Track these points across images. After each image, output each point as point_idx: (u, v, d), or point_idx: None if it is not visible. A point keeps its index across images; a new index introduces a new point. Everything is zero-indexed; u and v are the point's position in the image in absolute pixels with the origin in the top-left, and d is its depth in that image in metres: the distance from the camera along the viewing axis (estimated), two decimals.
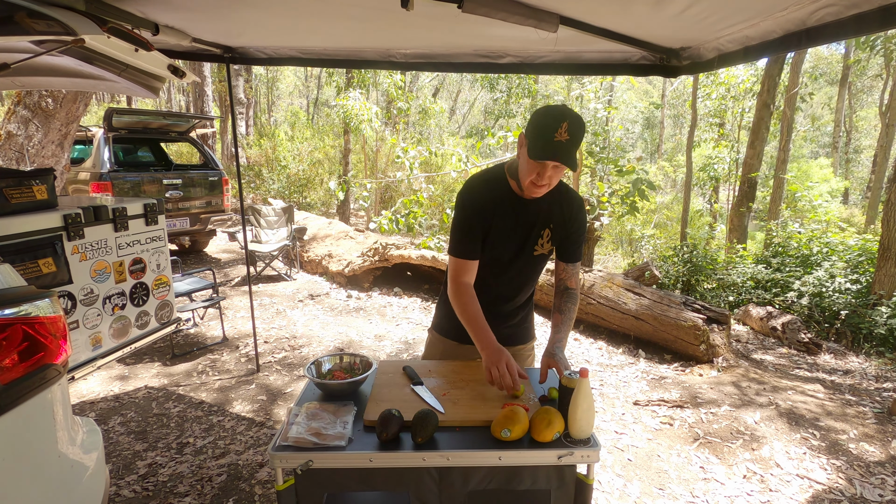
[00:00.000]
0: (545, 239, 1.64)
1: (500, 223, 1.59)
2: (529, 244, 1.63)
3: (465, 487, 1.25)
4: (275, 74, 25.32)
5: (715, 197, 14.07)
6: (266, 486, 2.39)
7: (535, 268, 1.71)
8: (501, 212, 1.59)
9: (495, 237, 1.61)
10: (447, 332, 1.79)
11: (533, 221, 1.61)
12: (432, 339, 1.86)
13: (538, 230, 1.62)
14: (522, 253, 1.64)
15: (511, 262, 1.66)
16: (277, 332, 4.54)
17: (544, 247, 1.65)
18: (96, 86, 2.90)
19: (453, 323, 1.70)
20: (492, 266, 1.65)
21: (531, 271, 1.71)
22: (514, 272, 1.68)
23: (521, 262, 1.66)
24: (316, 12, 2.01)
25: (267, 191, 12.73)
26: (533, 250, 1.64)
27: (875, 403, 3.36)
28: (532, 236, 1.63)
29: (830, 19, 1.41)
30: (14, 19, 1.43)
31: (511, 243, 1.62)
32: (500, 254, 1.64)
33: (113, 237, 2.47)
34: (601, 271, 5.20)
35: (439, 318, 1.83)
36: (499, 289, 1.70)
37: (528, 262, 1.67)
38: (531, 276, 1.73)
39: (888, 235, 5.01)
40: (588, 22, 1.84)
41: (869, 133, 24.97)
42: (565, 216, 1.63)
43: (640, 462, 2.68)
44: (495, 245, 1.62)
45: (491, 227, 1.60)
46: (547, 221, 1.62)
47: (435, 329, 1.85)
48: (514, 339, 1.78)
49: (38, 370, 1.23)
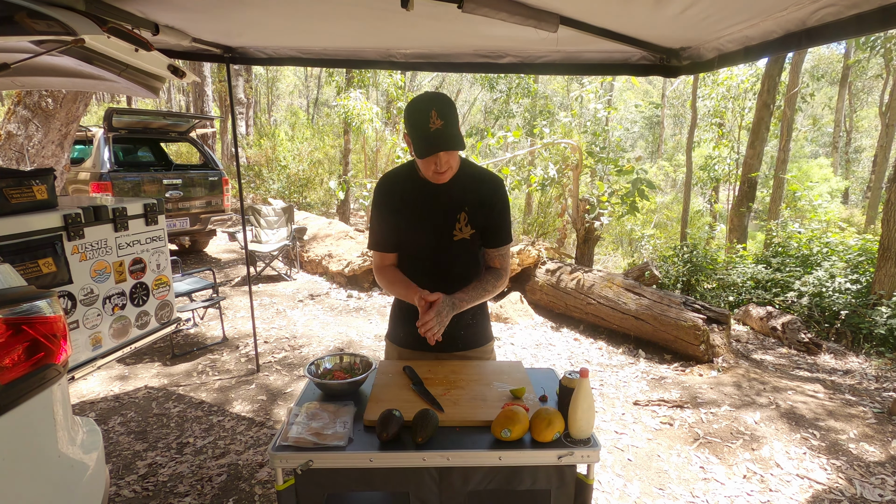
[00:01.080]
0: (462, 223, 1.62)
1: (412, 211, 1.62)
2: (447, 229, 1.63)
3: (465, 487, 1.25)
4: (275, 74, 25.31)
5: (715, 197, 14.07)
6: (266, 486, 2.39)
7: (462, 255, 1.67)
8: (412, 200, 1.61)
9: (409, 225, 1.63)
10: (400, 340, 1.79)
11: (445, 206, 1.61)
12: (388, 347, 1.86)
13: (453, 214, 1.62)
14: (442, 238, 1.63)
15: (434, 249, 1.65)
16: (277, 332, 4.54)
17: (463, 230, 1.63)
18: (96, 86, 2.90)
19: (407, 329, 1.73)
20: (418, 256, 1.68)
21: (461, 259, 1.68)
22: (443, 260, 1.66)
23: (445, 249, 1.65)
24: (316, 12, 2.01)
25: (267, 191, 12.73)
26: (452, 235, 1.63)
27: (875, 403, 3.36)
28: (448, 221, 1.62)
29: (830, 19, 1.41)
30: (14, 19, 1.43)
31: (426, 230, 1.63)
32: (420, 240, 1.65)
33: (113, 237, 2.47)
34: (601, 271, 5.20)
35: (391, 326, 1.85)
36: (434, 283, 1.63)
37: (451, 248, 1.64)
38: (465, 266, 1.69)
39: (888, 235, 5.01)
40: (588, 22, 1.84)
41: (869, 133, 24.98)
42: (481, 198, 1.62)
43: (640, 462, 2.68)
44: (412, 232, 1.64)
45: (403, 217, 1.62)
46: (461, 205, 1.61)
47: (389, 338, 1.85)
48: (469, 341, 1.75)
49: (38, 370, 1.23)
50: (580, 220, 6.24)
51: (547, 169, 6.40)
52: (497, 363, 1.71)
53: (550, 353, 4.26)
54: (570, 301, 4.99)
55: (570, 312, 5.06)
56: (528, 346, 4.39)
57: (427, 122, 1.39)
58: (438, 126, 1.39)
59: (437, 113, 1.39)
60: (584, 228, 6.27)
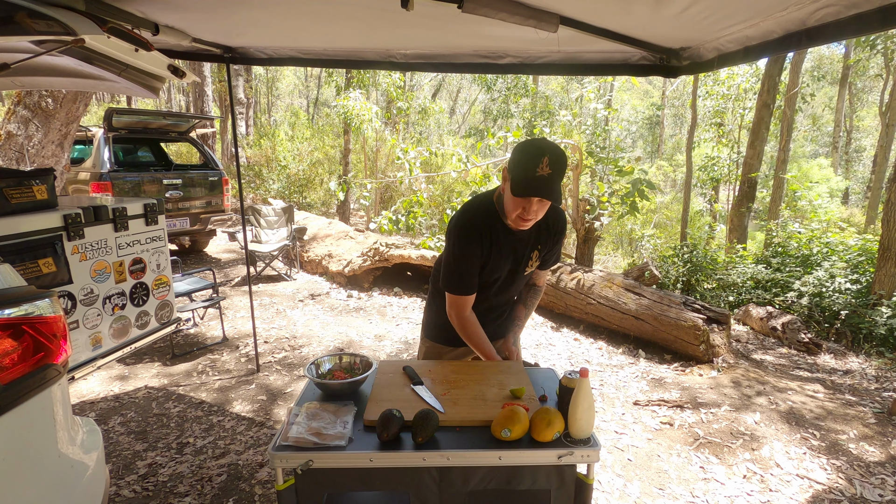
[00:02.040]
0: (534, 260, 1.72)
1: (493, 255, 1.64)
2: (521, 267, 1.71)
3: (465, 487, 1.25)
4: (275, 74, 25.32)
5: (715, 197, 14.07)
6: (266, 486, 2.39)
7: (523, 281, 1.81)
8: (495, 244, 1.62)
9: (490, 267, 1.67)
10: (437, 337, 1.87)
11: (524, 248, 1.67)
12: (426, 345, 1.93)
13: (528, 253, 1.69)
14: (514, 274, 1.72)
15: (504, 283, 1.74)
16: (277, 332, 4.54)
17: (532, 265, 1.73)
18: (96, 86, 2.90)
19: (442, 326, 1.79)
20: (486, 287, 1.73)
21: (520, 285, 1.83)
22: (506, 289, 1.77)
23: (512, 281, 1.75)
24: (316, 12, 2.01)
25: (267, 191, 12.73)
26: (524, 270, 1.73)
27: (875, 403, 3.36)
28: (523, 260, 1.69)
29: (830, 19, 1.41)
30: (14, 19, 1.43)
31: (503, 269, 1.69)
32: (495, 278, 1.71)
33: (113, 237, 2.47)
34: (601, 271, 5.20)
35: (429, 324, 1.91)
36: (492, 301, 1.79)
37: (518, 279, 1.76)
38: (519, 288, 1.85)
39: (888, 235, 5.01)
40: (588, 22, 1.84)
41: (870, 133, 24.97)
42: (551, 233, 1.71)
43: (640, 462, 2.68)
44: (490, 273, 1.68)
45: (488, 260, 1.65)
46: (536, 244, 1.69)
47: (427, 336, 1.92)
48: (498, 333, 1.88)
49: (38, 370, 1.23)
50: (580, 220, 6.24)
51: None
52: (497, 363, 1.71)
53: (550, 353, 4.26)
54: (570, 301, 4.99)
55: (570, 312, 5.06)
56: (529, 346, 4.39)
57: (536, 166, 1.38)
58: (546, 173, 1.39)
59: (549, 160, 1.38)
60: (584, 228, 6.27)
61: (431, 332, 1.90)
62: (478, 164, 6.57)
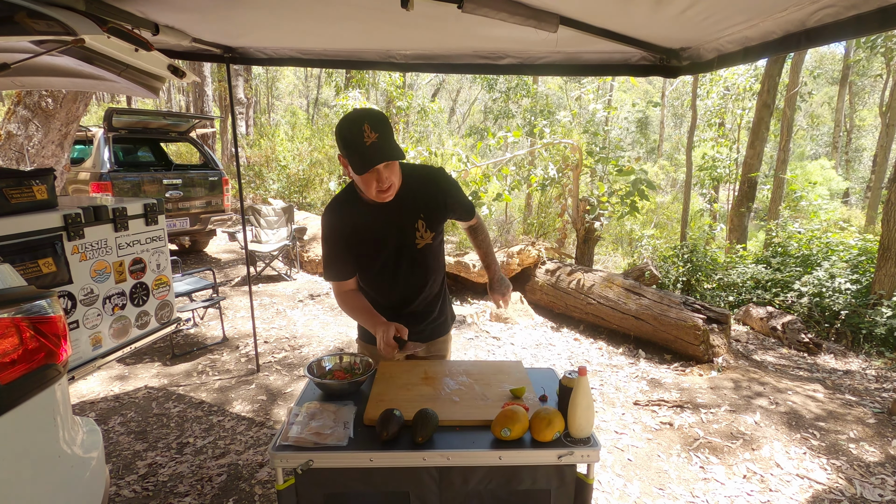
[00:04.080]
0: (422, 230, 1.61)
1: (366, 234, 1.57)
2: (408, 241, 1.61)
3: (465, 487, 1.26)
4: (275, 74, 25.31)
5: (715, 197, 14.07)
6: (266, 485, 2.39)
7: (427, 260, 1.67)
8: (363, 224, 1.57)
9: (368, 248, 1.59)
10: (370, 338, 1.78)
11: (400, 219, 1.58)
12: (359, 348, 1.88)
13: (410, 224, 1.59)
14: (404, 251, 1.62)
15: (397, 263, 1.63)
16: (277, 332, 4.54)
17: (425, 236, 1.61)
18: (96, 86, 2.90)
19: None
20: (382, 273, 1.65)
21: (425, 264, 1.67)
22: (407, 271, 1.65)
23: (408, 260, 1.63)
24: (316, 13, 2.01)
25: (267, 191, 12.73)
26: (415, 245, 1.62)
27: (875, 404, 3.37)
28: (407, 233, 1.60)
29: (830, 20, 1.41)
30: (14, 19, 1.43)
31: (387, 248, 1.60)
32: (383, 260, 1.62)
33: (113, 237, 2.47)
34: (601, 271, 5.20)
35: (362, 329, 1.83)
36: (399, 291, 1.68)
37: (414, 256, 1.63)
38: (428, 268, 1.69)
39: (888, 235, 5.01)
40: (588, 22, 1.84)
41: (870, 133, 24.97)
42: (431, 198, 1.61)
43: (640, 462, 2.68)
44: (372, 252, 1.60)
45: (358, 242, 1.58)
46: (415, 212, 1.59)
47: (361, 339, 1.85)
48: (434, 333, 1.83)
49: (38, 370, 1.23)
50: (580, 220, 6.24)
51: (547, 169, 6.40)
52: (497, 363, 1.71)
53: (550, 353, 4.26)
54: (570, 301, 4.99)
55: (570, 312, 5.06)
56: (528, 346, 4.39)
57: (361, 137, 1.35)
58: (374, 139, 1.35)
59: (370, 126, 1.35)
60: (584, 228, 6.27)
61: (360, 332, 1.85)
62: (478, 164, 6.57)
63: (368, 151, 1.36)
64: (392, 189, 1.47)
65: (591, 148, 6.60)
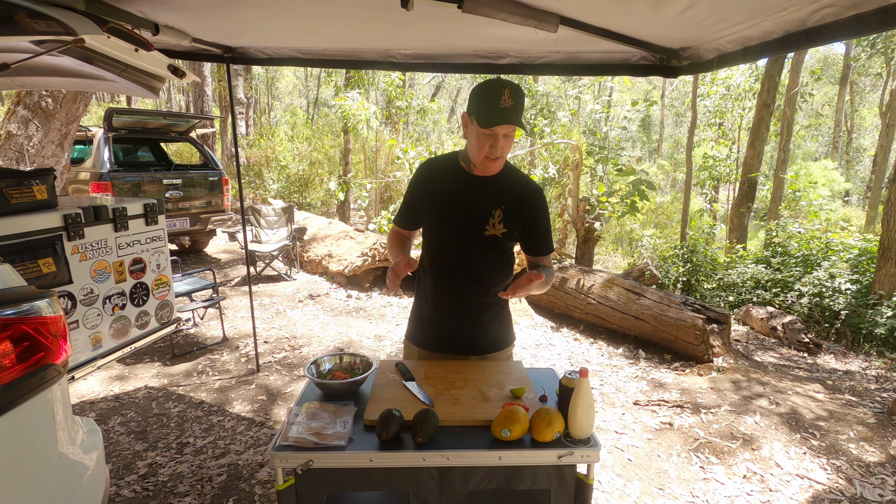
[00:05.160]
0: (496, 219, 1.61)
1: (449, 199, 1.63)
2: (479, 223, 1.61)
3: (465, 487, 1.25)
4: (274, 74, 25.30)
5: (715, 197, 14.06)
6: (266, 486, 2.39)
7: (489, 251, 1.65)
8: (450, 188, 1.63)
9: (444, 211, 1.64)
10: (414, 339, 1.83)
11: (484, 200, 1.62)
12: (407, 348, 1.89)
13: (489, 209, 1.61)
14: (472, 231, 1.62)
15: (462, 239, 1.64)
16: (277, 332, 4.54)
17: (496, 227, 1.62)
18: (96, 86, 2.90)
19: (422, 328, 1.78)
20: (444, 244, 1.68)
21: (486, 254, 1.66)
22: (471, 254, 1.65)
23: (473, 242, 1.63)
24: (316, 12, 2.01)
25: (267, 191, 12.73)
26: (484, 230, 1.62)
27: (875, 404, 3.37)
28: (483, 215, 1.61)
29: (830, 20, 1.41)
30: (14, 19, 1.43)
31: (459, 220, 1.63)
32: (451, 229, 1.65)
33: (113, 237, 2.47)
34: (601, 271, 5.20)
35: (411, 327, 1.87)
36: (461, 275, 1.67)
37: (479, 242, 1.63)
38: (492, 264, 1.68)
39: (888, 235, 5.01)
40: (588, 22, 1.84)
41: (870, 132, 24.95)
42: (519, 201, 1.63)
43: (640, 462, 2.68)
44: (446, 220, 1.64)
45: (436, 202, 1.64)
46: (499, 201, 1.62)
47: (408, 339, 1.87)
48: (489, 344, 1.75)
49: (38, 370, 1.23)
50: (580, 220, 6.24)
51: (547, 169, 6.40)
52: (497, 363, 1.71)
53: (550, 353, 4.26)
54: (570, 301, 4.99)
55: (570, 312, 5.06)
56: (528, 346, 4.39)
57: (499, 98, 1.42)
58: (509, 105, 1.42)
59: (510, 92, 1.42)
60: (584, 228, 6.27)
61: (408, 331, 1.87)
62: None
63: (501, 112, 1.43)
64: (499, 161, 1.55)
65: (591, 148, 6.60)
